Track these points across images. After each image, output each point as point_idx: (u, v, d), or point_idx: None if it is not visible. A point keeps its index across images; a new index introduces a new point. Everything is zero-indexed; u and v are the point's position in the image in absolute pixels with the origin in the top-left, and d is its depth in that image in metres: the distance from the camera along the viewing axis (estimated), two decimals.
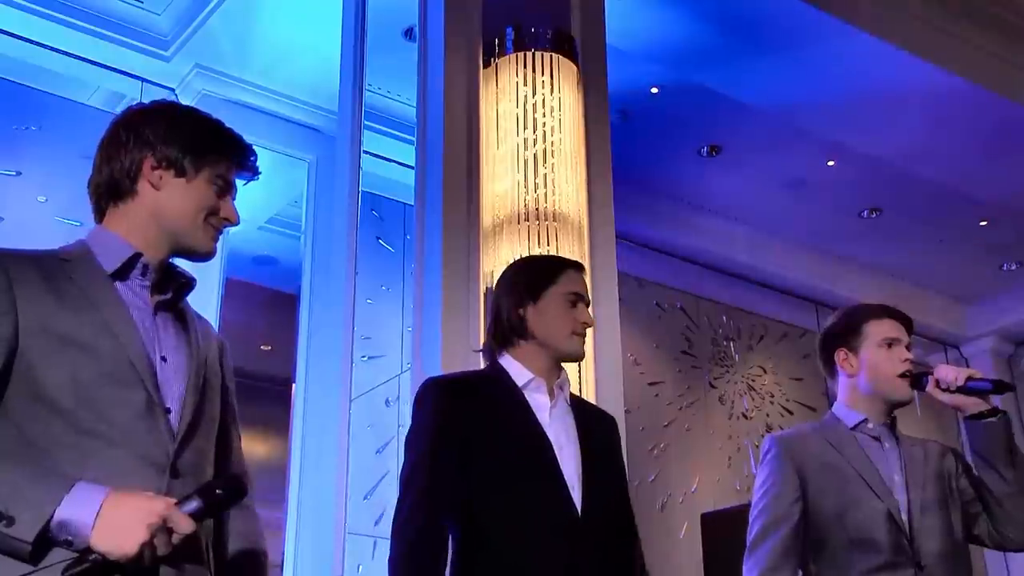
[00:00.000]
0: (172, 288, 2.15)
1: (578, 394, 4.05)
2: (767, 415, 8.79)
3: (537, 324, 2.77)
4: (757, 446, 8.13)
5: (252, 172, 2.25)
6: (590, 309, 2.91)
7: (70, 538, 1.72)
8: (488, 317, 2.92)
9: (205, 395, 2.08)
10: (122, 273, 2.06)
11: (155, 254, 2.10)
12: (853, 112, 6.98)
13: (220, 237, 2.19)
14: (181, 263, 2.16)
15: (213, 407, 2.12)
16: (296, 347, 6.31)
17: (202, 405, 2.05)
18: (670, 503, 7.92)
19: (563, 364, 2.88)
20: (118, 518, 1.72)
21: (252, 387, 6.63)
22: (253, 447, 6.63)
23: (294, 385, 6.26)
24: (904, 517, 3.02)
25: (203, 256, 2.16)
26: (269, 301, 6.77)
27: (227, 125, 2.26)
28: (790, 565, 3.04)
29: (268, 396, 6.48)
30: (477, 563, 2.58)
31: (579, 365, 4.51)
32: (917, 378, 3.09)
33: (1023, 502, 3.03)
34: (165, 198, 2.10)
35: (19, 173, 5.94)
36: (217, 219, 2.15)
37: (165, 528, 1.75)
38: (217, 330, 5.99)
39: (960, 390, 3.00)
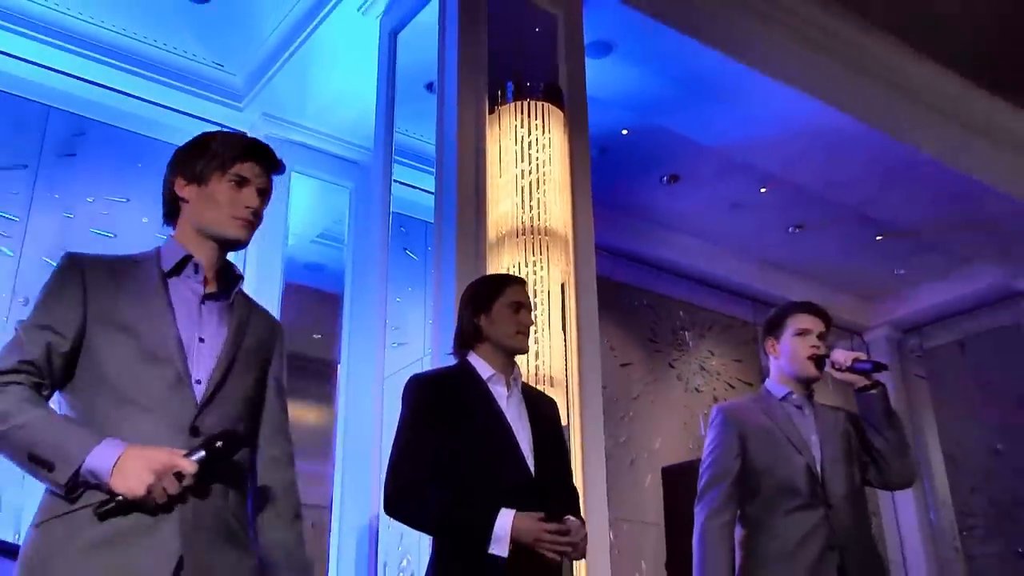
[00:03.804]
0: (222, 283, 2.14)
1: (563, 367, 4.05)
2: (714, 389, 8.79)
3: (490, 330, 2.88)
4: (706, 414, 8.10)
5: (262, 160, 2.16)
6: (539, 313, 3.00)
7: (96, 481, 1.81)
8: (455, 327, 3.02)
9: (235, 370, 2.06)
10: (177, 271, 2.08)
11: (205, 254, 2.11)
12: (781, 149, 6.96)
13: (250, 225, 2.12)
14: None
15: (246, 379, 2.10)
16: (340, 336, 6.31)
17: (230, 378, 2.04)
18: (637, 459, 7.92)
19: (517, 357, 2.96)
20: (130, 466, 1.80)
21: (305, 368, 6.63)
22: (307, 415, 6.63)
23: (339, 366, 6.29)
24: (818, 468, 3.09)
25: (236, 244, 2.13)
26: (319, 299, 6.76)
27: (236, 132, 2.26)
28: (731, 507, 3.10)
29: (319, 375, 6.46)
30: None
31: (565, 349, 4.52)
32: (820, 360, 3.16)
33: (899, 454, 3.14)
34: (194, 206, 2.11)
35: (128, 200, 5.98)
36: (239, 209, 2.10)
37: (174, 473, 1.81)
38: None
39: (848, 370, 3.09)
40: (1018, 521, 8.81)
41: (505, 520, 2.53)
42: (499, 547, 2.51)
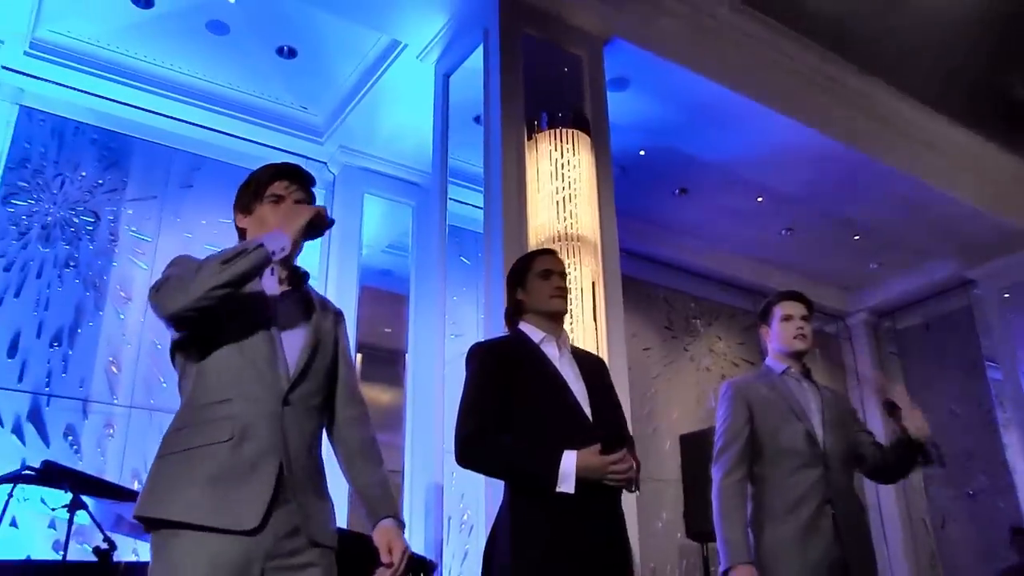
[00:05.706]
0: (294, 280, 2.17)
1: (594, 351, 3.98)
2: (722, 368, 8.68)
3: (528, 300, 2.69)
4: (715, 390, 8.06)
5: (289, 176, 2.17)
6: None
7: (281, 245, 1.94)
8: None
9: (317, 351, 2.08)
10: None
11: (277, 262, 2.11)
12: (773, 165, 6.87)
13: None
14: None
15: (324, 358, 2.11)
16: (407, 329, 6.25)
17: (312, 358, 2.06)
18: (658, 428, 7.84)
19: (562, 322, 2.75)
20: (285, 218, 2.01)
21: (379, 356, 6.63)
22: (381, 395, 6.62)
23: (406, 355, 6.23)
24: (818, 432, 2.99)
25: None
26: (389, 300, 6.76)
27: (271, 162, 2.26)
28: (743, 466, 3.01)
29: (390, 362, 6.48)
30: None
31: (596, 336, 4.45)
32: (891, 407, 3.02)
33: (888, 469, 3.10)
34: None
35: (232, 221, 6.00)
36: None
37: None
38: (356, 319, 5.89)
39: (918, 439, 2.95)
40: (968, 470, 8.84)
41: (569, 460, 2.36)
42: (567, 485, 2.35)
